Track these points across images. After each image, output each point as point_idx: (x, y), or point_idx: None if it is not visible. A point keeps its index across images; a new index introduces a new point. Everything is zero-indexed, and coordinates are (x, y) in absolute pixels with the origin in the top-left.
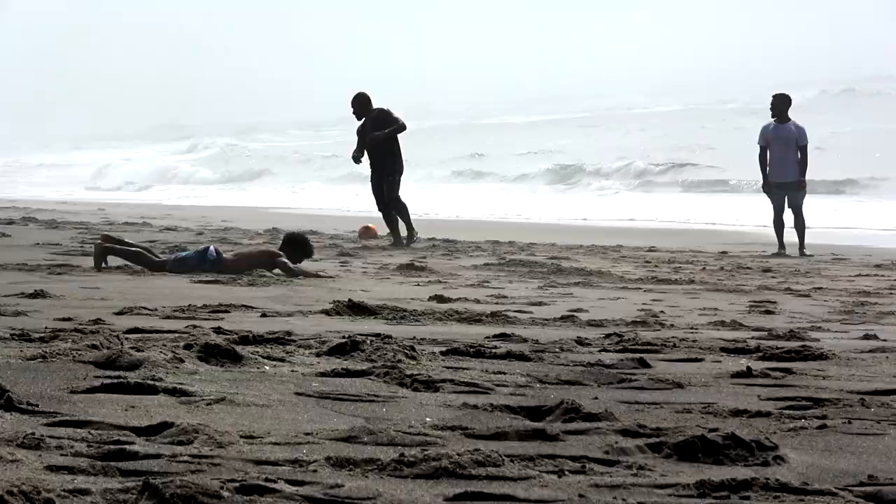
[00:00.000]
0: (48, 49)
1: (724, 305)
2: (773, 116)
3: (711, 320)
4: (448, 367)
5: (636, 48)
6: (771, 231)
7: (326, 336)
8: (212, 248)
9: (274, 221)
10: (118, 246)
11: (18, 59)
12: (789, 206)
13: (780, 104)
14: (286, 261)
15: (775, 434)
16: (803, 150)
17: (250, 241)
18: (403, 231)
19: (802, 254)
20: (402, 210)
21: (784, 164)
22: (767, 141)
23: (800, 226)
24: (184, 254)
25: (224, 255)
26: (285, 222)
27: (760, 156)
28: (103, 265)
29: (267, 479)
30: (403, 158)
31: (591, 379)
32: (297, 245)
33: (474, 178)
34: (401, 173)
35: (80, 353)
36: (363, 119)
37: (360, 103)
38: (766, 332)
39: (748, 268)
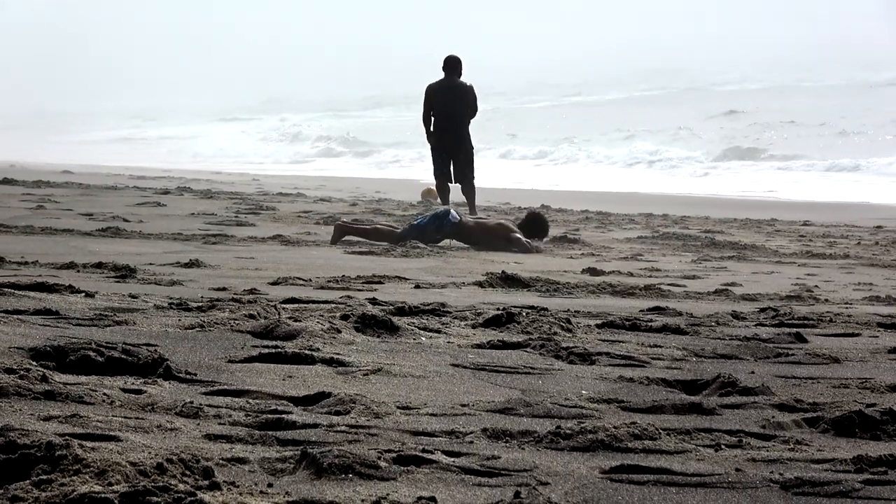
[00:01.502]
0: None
1: (879, 280)
2: None
3: (867, 295)
4: (604, 340)
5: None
6: None
7: (481, 308)
8: (453, 210)
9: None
10: (355, 225)
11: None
12: None
13: None
14: (521, 236)
15: None
16: None
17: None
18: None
19: None
20: (473, 191)
21: None
22: None
23: None
24: (417, 222)
25: (464, 219)
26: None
27: None
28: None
29: (424, 450)
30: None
31: (748, 353)
32: (539, 225)
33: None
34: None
35: (237, 322)
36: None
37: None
38: None
39: None
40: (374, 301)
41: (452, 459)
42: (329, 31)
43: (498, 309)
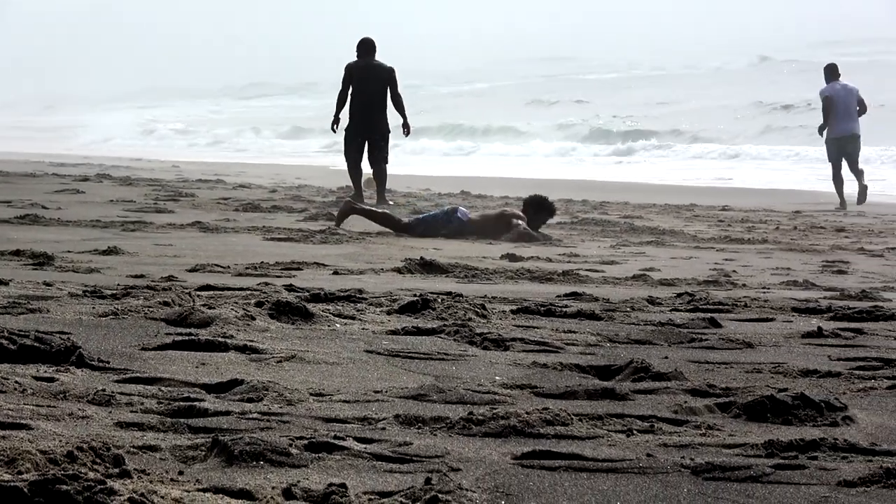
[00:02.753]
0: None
1: (796, 265)
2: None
3: (784, 280)
4: (518, 326)
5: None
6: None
7: (398, 294)
8: (462, 208)
9: (346, 179)
10: (363, 207)
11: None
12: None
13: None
14: (523, 223)
15: (845, 394)
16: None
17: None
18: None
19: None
20: (384, 176)
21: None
22: (832, 98)
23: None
24: (426, 215)
25: (471, 217)
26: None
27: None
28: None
29: (336, 437)
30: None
31: (662, 338)
32: (543, 207)
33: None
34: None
35: (151, 310)
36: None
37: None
38: (838, 293)
39: (822, 227)
40: (290, 288)
41: (364, 446)
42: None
43: (414, 295)
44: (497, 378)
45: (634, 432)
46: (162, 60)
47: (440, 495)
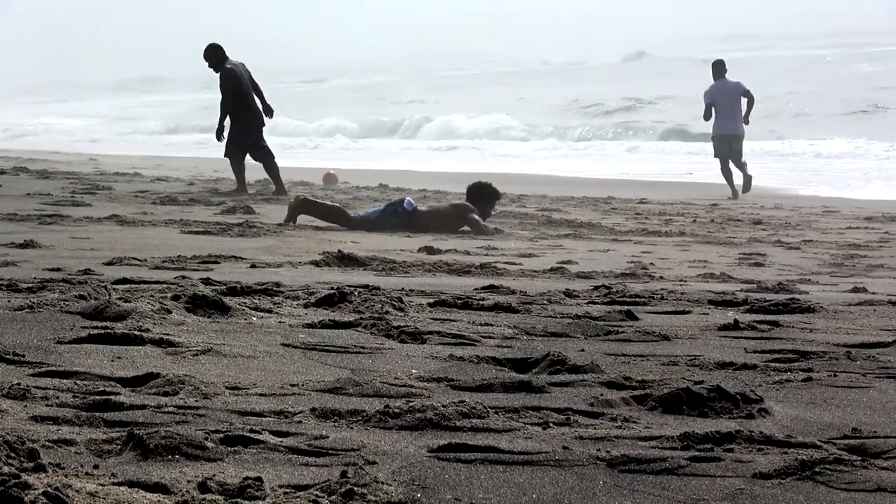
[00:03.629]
0: None
1: (713, 258)
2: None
3: (701, 272)
4: (435, 319)
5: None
6: (766, 184)
7: (315, 287)
8: (408, 198)
9: (264, 172)
10: (315, 200)
11: None
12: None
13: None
14: (478, 218)
15: (760, 387)
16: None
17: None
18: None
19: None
20: (276, 169)
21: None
22: (715, 99)
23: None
24: (375, 209)
25: (419, 208)
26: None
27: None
28: (292, 224)
29: (251, 430)
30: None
31: (578, 331)
32: (489, 194)
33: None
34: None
35: (67, 303)
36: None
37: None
38: (755, 285)
39: (739, 220)
40: (207, 281)
41: (280, 439)
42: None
43: (331, 288)
44: (413, 371)
45: (550, 425)
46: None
47: (356, 488)
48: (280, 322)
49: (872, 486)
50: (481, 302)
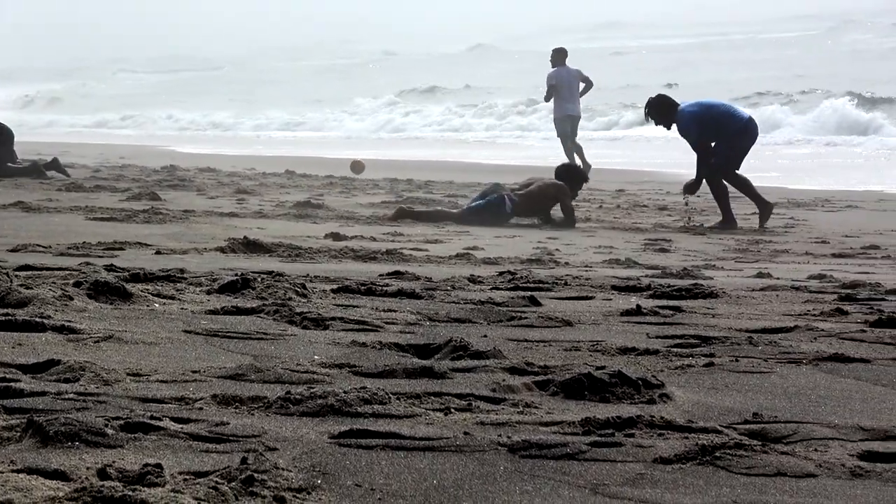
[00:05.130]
0: None
1: (619, 244)
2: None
3: (606, 258)
4: (338, 305)
5: None
6: (669, 171)
7: (219, 274)
8: (506, 194)
9: (170, 158)
10: (417, 209)
11: None
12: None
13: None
14: (572, 205)
15: (662, 372)
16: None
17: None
18: None
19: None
20: None
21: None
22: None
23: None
24: (472, 205)
25: (517, 201)
26: (179, 160)
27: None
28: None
29: (152, 417)
30: None
31: (481, 317)
32: (577, 176)
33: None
34: None
35: None
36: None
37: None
38: (660, 271)
39: (644, 206)
40: (110, 268)
41: (181, 426)
42: None
43: (234, 275)
44: (316, 357)
45: (452, 410)
46: None
47: (256, 475)
48: (182, 308)
49: (772, 471)
50: (385, 288)
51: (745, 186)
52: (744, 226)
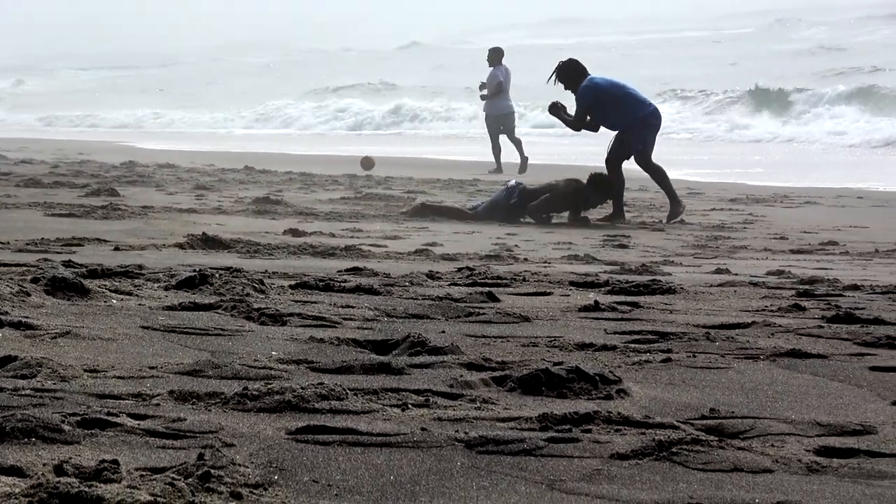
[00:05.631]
0: None
1: (578, 240)
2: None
3: (565, 254)
4: (296, 301)
5: None
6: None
7: (177, 270)
8: (513, 181)
9: (129, 154)
10: (434, 204)
11: None
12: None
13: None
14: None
15: (620, 368)
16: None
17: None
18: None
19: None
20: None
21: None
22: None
23: None
24: (487, 200)
25: (528, 188)
26: (140, 156)
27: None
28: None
29: (109, 413)
30: None
31: (439, 313)
32: (606, 188)
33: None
34: None
35: None
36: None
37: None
38: (619, 267)
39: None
40: (68, 264)
41: (137, 422)
42: None
43: (192, 270)
44: (273, 353)
45: (409, 406)
46: None
47: (213, 471)
48: (140, 304)
49: (729, 467)
50: (343, 284)
51: (663, 179)
52: (702, 221)
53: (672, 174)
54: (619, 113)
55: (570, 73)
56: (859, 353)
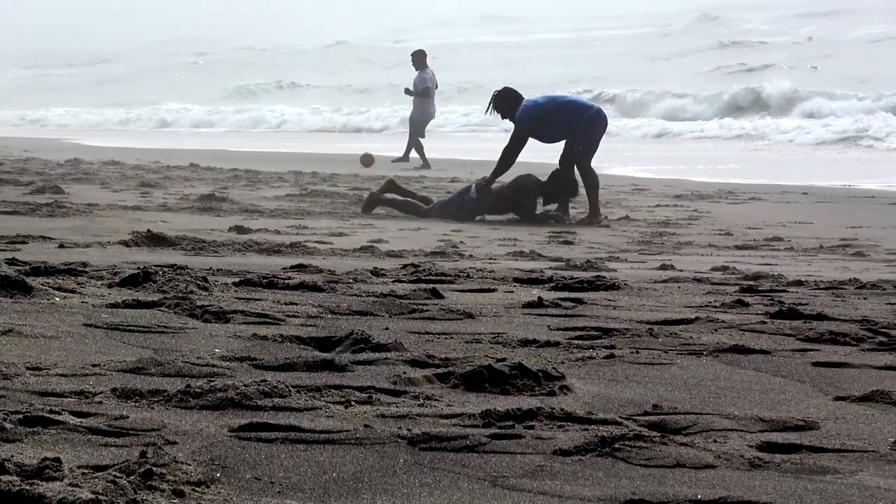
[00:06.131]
0: None
1: (524, 236)
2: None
3: (511, 251)
4: (240, 298)
5: None
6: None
7: (121, 267)
8: (473, 186)
9: (74, 151)
10: (388, 196)
11: None
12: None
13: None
14: (535, 204)
15: (563, 364)
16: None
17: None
18: None
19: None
20: None
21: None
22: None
23: None
24: (442, 199)
25: (484, 191)
26: (85, 153)
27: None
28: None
29: (51, 411)
30: None
31: (383, 309)
32: (569, 185)
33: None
34: None
35: None
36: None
37: None
38: (563, 263)
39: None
40: (11, 262)
41: (80, 420)
42: None
43: (137, 268)
44: (217, 351)
45: (353, 403)
46: None
47: (155, 469)
48: (83, 302)
49: (671, 462)
50: (287, 281)
51: (593, 188)
52: (647, 217)
53: (618, 171)
54: (566, 120)
55: (507, 99)
56: (802, 348)
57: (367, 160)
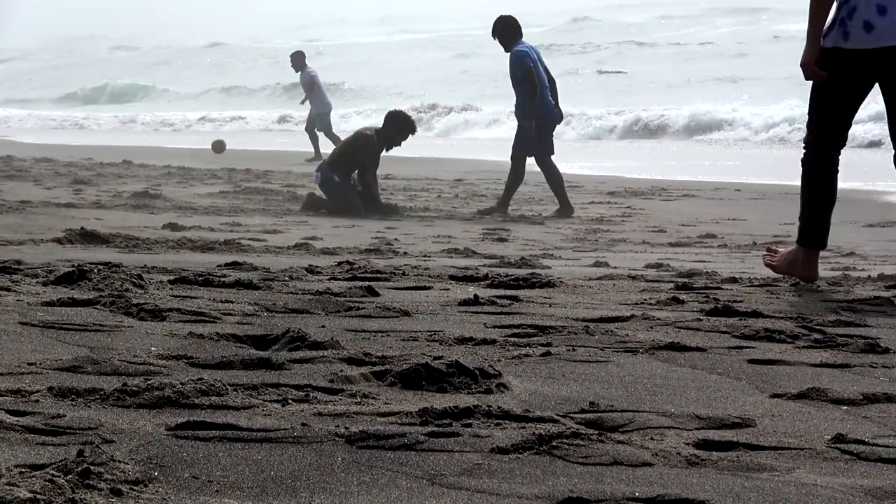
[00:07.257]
0: None
1: (458, 233)
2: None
3: (445, 248)
4: (176, 296)
5: None
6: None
7: (56, 265)
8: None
9: (6, 148)
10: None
11: None
12: None
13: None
14: (374, 174)
15: (500, 362)
16: None
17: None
18: None
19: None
20: None
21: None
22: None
23: None
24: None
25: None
26: (17, 150)
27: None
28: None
29: None
30: None
31: (319, 307)
32: (404, 123)
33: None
34: None
35: None
36: None
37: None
38: (498, 260)
39: (483, 195)
40: None
41: (16, 419)
42: None
43: (71, 266)
44: (153, 349)
45: (290, 402)
46: None
47: (92, 467)
48: (18, 300)
49: (609, 460)
50: (222, 279)
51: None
52: (581, 215)
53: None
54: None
55: (513, 27)
56: (738, 345)
57: (218, 146)
